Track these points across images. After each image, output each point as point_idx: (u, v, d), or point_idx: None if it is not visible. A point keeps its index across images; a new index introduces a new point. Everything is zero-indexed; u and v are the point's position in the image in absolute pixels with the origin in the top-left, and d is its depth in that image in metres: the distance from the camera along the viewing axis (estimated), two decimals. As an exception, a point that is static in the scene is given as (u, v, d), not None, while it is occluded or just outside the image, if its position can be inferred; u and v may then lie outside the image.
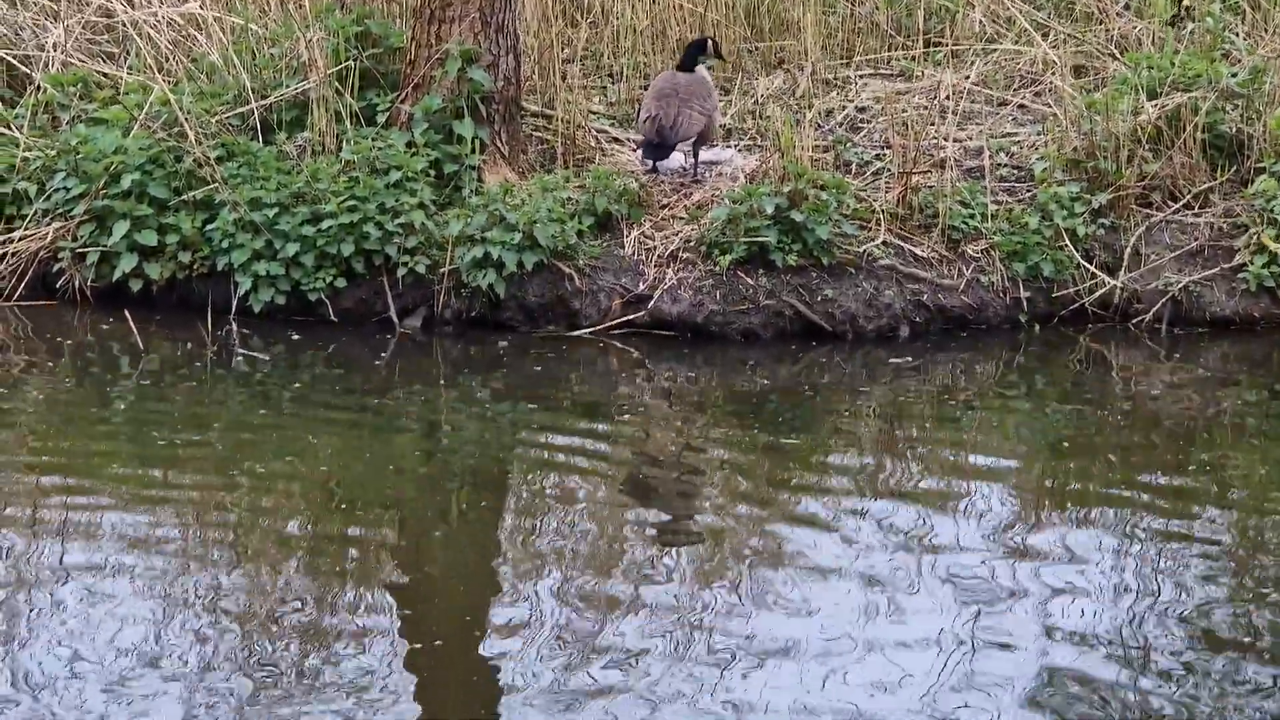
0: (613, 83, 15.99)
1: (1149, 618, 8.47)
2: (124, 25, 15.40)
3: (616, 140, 15.11)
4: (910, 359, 13.13)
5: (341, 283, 13.37)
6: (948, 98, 15.37)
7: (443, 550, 9.50)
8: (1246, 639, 8.30)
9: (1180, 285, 13.87)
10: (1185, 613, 8.56)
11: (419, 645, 8.06)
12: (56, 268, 13.66)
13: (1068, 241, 13.83)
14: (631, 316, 13.36)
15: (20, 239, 13.74)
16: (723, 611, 8.49)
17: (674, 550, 9.42)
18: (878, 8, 16.73)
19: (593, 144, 14.77)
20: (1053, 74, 15.70)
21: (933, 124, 14.84)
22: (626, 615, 8.46)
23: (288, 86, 14.34)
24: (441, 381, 12.57)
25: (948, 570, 8.99)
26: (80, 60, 15.27)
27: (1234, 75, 14.56)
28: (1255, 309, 13.89)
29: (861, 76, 16.22)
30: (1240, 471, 11.00)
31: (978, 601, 8.61)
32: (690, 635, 8.20)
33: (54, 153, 13.92)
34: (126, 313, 13.37)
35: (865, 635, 8.20)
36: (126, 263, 13.46)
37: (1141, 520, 10.02)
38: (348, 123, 14.03)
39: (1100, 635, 8.25)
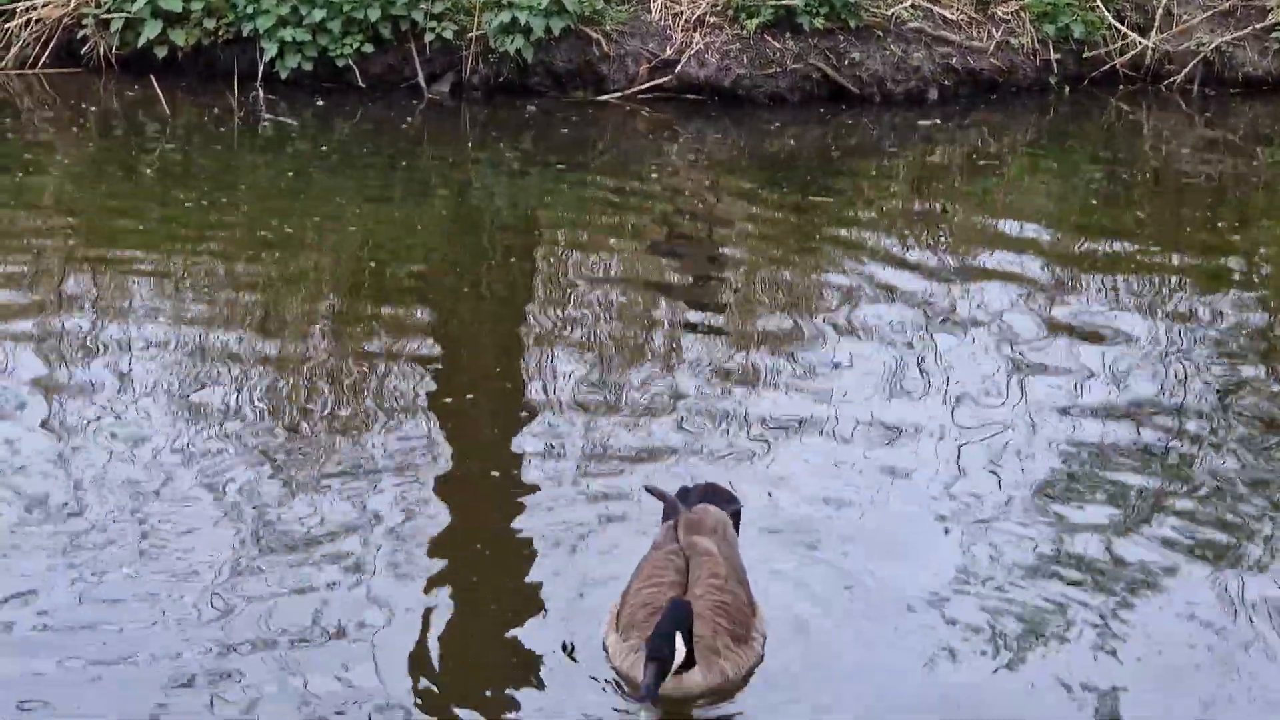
0: None
1: (1178, 381, 8.49)
2: None
3: (643, -97, 14.90)
4: (938, 121, 13.08)
5: (369, 49, 13.30)
6: None
7: (473, 307, 9.53)
8: (1272, 405, 8.33)
9: (1212, 46, 13.75)
10: (1214, 375, 8.56)
11: (450, 400, 8.11)
12: (81, 34, 13.60)
13: (1099, 2, 13.68)
14: (659, 81, 13.30)
15: (44, 5, 13.64)
16: (747, 366, 8.54)
17: (701, 308, 9.44)
18: None
19: (618, -94, 14.57)
20: None
21: (963, -117, 14.62)
22: (654, 368, 8.51)
23: None
24: (470, 144, 12.56)
25: (969, 333, 9.00)
26: None
27: None
28: (1287, 70, 13.81)
29: None
30: (1270, 230, 10.99)
31: (992, 368, 8.65)
32: (716, 390, 8.25)
33: (76, -84, 13.80)
34: (152, 79, 13.33)
35: (886, 389, 8.28)
36: (151, 29, 13.38)
37: (1171, 278, 10.03)
38: (372, -116, 13.85)
39: (1128, 401, 8.26)
